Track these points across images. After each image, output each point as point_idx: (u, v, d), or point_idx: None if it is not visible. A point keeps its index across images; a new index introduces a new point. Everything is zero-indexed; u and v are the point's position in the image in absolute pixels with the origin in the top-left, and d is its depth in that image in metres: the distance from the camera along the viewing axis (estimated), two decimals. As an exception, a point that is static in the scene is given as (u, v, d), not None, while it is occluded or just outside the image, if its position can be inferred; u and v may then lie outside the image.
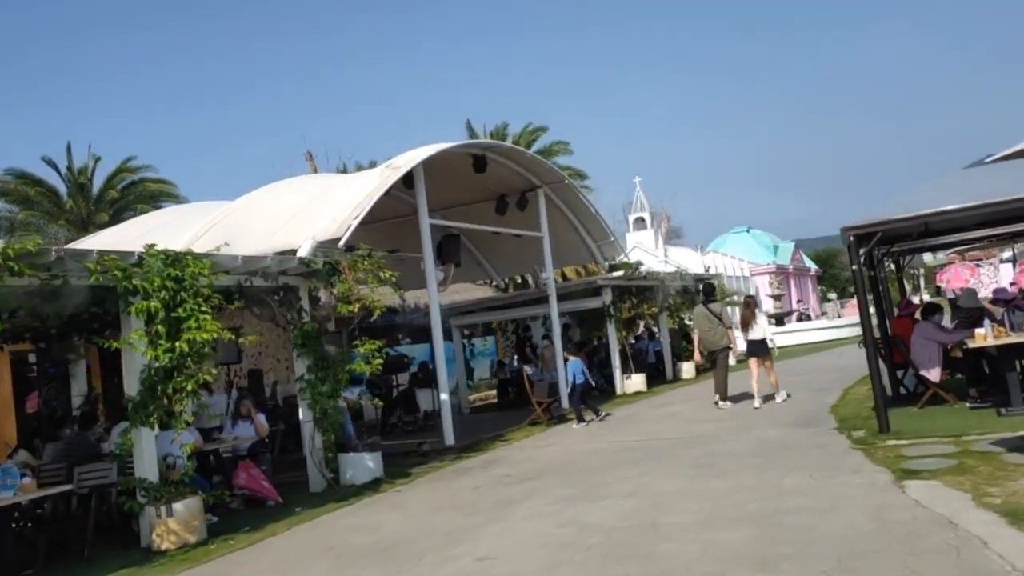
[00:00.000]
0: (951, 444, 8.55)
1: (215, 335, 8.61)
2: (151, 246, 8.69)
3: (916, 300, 22.38)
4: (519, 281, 27.16)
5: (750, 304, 14.53)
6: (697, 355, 15.67)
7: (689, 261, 43.77)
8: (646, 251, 44.16)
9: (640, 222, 48.31)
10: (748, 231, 56.17)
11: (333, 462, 11.18)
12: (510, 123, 36.08)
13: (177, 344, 8.47)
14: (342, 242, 11.38)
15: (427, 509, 8.91)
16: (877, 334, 12.42)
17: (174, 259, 8.68)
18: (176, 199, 27.91)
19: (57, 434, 11.21)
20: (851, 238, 9.90)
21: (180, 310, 8.54)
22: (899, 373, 12.44)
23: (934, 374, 11.18)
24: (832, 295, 59.68)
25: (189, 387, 8.60)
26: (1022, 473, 6.99)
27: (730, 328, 14.76)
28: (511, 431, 14.79)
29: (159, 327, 8.49)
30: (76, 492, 9.09)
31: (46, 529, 8.86)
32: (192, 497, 8.79)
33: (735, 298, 29.47)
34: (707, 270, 32.91)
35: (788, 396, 14.11)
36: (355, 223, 11.65)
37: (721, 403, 14.24)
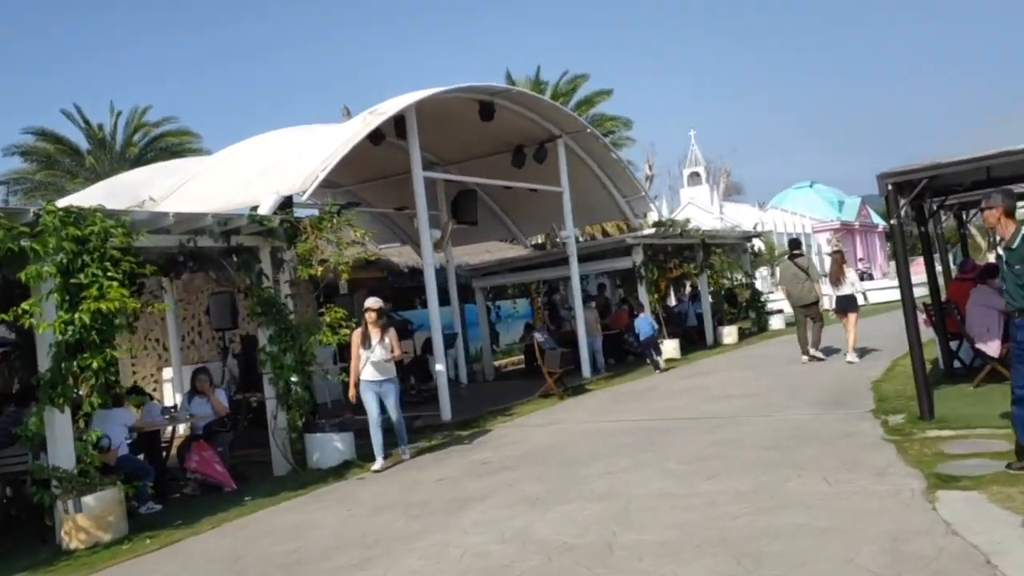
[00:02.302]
0: (1005, 439, 6.93)
1: (120, 304, 7.39)
2: (50, 202, 7.49)
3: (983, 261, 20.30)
4: (557, 240, 25.65)
5: (838, 259, 14.06)
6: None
7: (746, 218, 41.71)
8: (700, 207, 42.22)
9: (695, 177, 46.30)
10: (811, 186, 53.53)
11: (299, 443, 10.02)
12: (544, 69, 33.92)
13: (77, 315, 7.29)
14: (305, 196, 10.12)
15: (374, 507, 7.65)
16: (923, 297, 10.77)
17: (76, 217, 7.46)
18: (198, 152, 26.89)
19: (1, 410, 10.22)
20: (889, 187, 8.23)
21: (81, 276, 7.34)
22: (953, 344, 10.74)
23: (993, 347, 9.49)
24: (901, 253, 56.67)
25: (95, 364, 7.42)
26: (1092, 486, 5.42)
27: (817, 282, 14.34)
28: (520, 404, 13.48)
29: (56, 295, 7.31)
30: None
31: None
32: (109, 489, 7.66)
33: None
34: (755, 227, 30.88)
35: (858, 359, 13.54)
36: (322, 175, 10.36)
37: (804, 357, 14.19)
